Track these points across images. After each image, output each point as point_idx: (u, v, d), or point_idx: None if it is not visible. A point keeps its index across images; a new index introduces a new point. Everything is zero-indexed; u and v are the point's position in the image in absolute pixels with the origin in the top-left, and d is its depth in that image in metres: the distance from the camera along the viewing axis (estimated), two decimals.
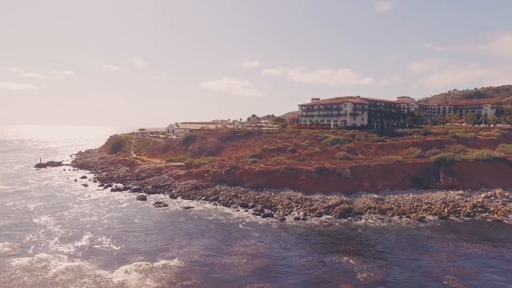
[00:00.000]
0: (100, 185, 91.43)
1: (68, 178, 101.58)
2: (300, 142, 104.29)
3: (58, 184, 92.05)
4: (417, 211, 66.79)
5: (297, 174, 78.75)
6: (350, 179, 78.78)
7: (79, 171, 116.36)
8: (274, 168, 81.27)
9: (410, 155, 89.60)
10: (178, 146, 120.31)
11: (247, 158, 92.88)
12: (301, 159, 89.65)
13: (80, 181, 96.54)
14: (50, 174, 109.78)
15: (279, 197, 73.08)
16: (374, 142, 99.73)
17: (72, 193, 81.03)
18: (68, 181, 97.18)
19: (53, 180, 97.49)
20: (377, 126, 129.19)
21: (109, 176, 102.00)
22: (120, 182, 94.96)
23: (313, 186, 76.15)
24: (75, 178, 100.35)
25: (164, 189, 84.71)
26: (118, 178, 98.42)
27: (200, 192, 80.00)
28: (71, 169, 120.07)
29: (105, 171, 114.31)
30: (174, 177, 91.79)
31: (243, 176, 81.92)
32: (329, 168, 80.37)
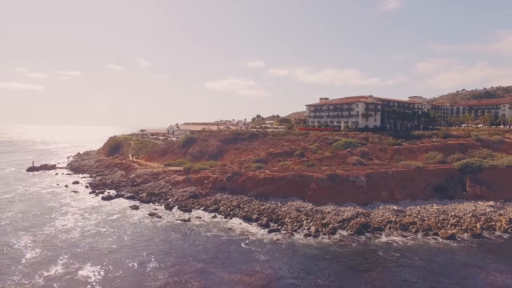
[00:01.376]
0: (92, 192, 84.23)
1: (58, 183, 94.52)
2: (309, 146, 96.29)
3: (46, 191, 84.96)
4: (445, 226, 58.58)
5: (307, 182, 70.86)
6: (365, 188, 70.71)
7: (72, 176, 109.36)
8: (281, 175, 73.43)
9: (431, 161, 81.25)
10: (178, 149, 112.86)
11: (251, 163, 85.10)
12: (310, 164, 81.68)
13: (71, 187, 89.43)
14: (41, 179, 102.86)
15: (286, 208, 65.27)
16: (389, 145, 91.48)
17: (59, 202, 73.83)
18: (58, 187, 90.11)
19: (41, 186, 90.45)
20: (390, 127, 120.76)
21: (102, 182, 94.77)
22: (113, 188, 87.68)
23: (324, 196, 68.20)
24: (66, 184, 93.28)
25: (160, 197, 77.22)
26: (112, 184, 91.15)
27: (199, 202, 72.39)
28: (64, 173, 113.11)
29: (100, 175, 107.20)
30: (171, 183, 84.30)
31: (246, 183, 74.20)
32: (342, 175, 72.35)
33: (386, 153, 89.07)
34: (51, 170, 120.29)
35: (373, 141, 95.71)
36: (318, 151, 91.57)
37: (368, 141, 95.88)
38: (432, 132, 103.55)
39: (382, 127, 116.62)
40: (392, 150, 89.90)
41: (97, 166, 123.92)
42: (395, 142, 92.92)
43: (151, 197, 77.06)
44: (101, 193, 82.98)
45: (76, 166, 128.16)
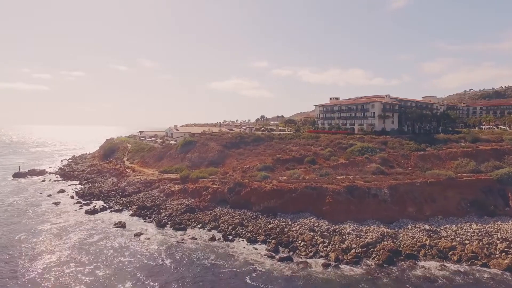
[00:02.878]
0: (76, 203, 74.73)
1: (41, 192, 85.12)
2: (320, 151, 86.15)
3: (25, 201, 75.54)
4: (493, 252, 48.18)
5: (321, 195, 60.88)
6: (389, 202, 60.58)
7: (60, 182, 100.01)
8: (291, 186, 63.46)
9: (462, 169, 70.86)
10: (175, 154, 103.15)
11: (256, 171, 75.17)
12: (324, 173, 71.53)
13: (54, 197, 79.98)
14: (25, 185, 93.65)
15: (298, 227, 55.35)
16: (412, 151, 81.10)
17: (34, 217, 64.28)
18: (40, 196, 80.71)
19: (22, 196, 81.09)
20: (408, 130, 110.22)
21: (90, 191, 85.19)
22: (101, 199, 78.10)
23: (342, 212, 58.15)
24: (49, 193, 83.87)
25: (152, 211, 67.43)
26: (100, 194, 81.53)
27: (195, 217, 62.55)
28: (52, 180, 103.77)
29: (90, 182, 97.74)
30: (166, 194, 74.59)
31: (250, 196, 64.34)
32: (361, 187, 62.24)
33: (409, 160, 78.68)
34: (39, 176, 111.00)
35: (392, 146, 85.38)
36: (331, 158, 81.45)
37: (387, 146, 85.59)
38: (458, 136, 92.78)
39: (400, 129, 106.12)
40: (415, 157, 79.48)
41: (88, 171, 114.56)
42: (418, 147, 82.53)
43: (141, 211, 67.32)
44: (87, 204, 73.44)
45: (67, 171, 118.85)
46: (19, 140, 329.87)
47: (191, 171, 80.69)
